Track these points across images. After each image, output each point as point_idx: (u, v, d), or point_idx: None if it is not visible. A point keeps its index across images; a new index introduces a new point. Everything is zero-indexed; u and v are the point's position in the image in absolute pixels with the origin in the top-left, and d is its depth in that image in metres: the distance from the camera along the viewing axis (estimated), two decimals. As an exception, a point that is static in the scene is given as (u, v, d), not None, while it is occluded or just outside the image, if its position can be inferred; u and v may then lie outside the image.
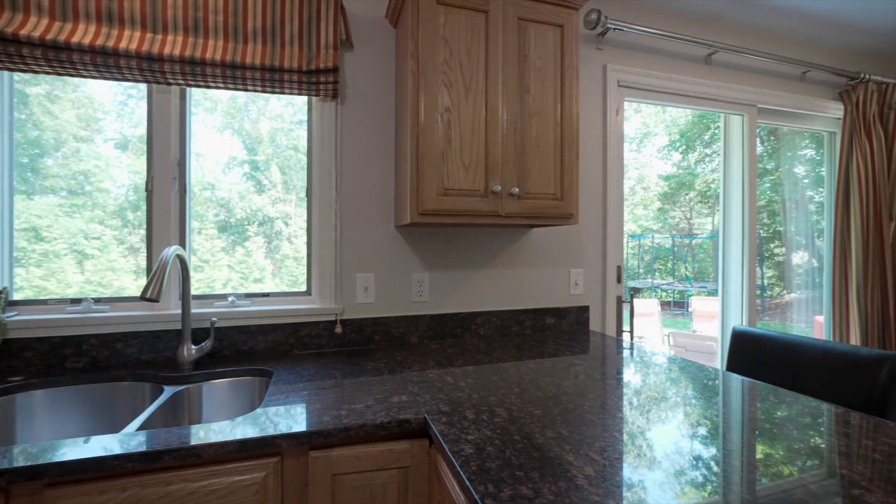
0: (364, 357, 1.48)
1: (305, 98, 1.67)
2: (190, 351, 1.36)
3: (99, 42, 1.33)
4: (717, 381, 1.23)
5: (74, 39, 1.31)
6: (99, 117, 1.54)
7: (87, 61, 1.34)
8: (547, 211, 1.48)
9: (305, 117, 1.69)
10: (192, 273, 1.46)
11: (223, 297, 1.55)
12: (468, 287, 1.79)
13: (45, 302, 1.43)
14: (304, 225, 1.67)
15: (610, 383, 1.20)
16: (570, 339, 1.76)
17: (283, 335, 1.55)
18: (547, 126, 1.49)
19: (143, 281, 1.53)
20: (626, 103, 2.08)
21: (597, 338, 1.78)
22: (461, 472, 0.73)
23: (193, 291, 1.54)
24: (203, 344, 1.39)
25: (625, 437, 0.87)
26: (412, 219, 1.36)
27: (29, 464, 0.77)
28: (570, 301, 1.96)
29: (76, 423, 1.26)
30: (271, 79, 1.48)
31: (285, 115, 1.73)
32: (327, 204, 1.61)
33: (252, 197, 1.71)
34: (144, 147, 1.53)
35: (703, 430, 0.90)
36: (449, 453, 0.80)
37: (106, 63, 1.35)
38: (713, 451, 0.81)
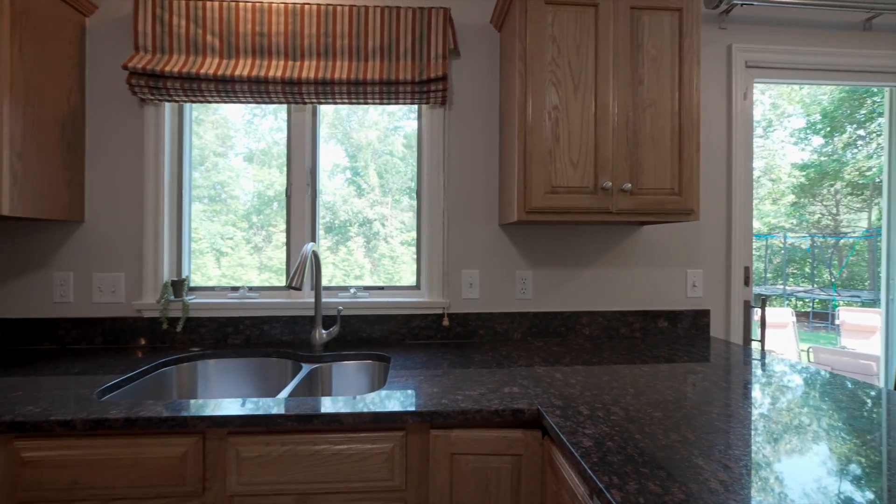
0: (470, 350, 1.55)
1: (400, 106, 1.79)
2: (321, 335, 1.55)
3: (254, 73, 1.60)
4: (880, 404, 1.05)
5: (237, 73, 1.59)
6: (231, 135, 1.85)
7: (245, 89, 1.61)
8: (663, 207, 1.40)
9: (400, 124, 1.82)
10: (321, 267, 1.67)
11: (346, 288, 1.74)
12: (572, 286, 1.76)
13: (212, 289, 1.75)
14: (400, 226, 1.81)
15: (739, 392, 1.10)
16: (686, 344, 1.63)
17: (396, 325, 1.69)
18: (663, 117, 1.41)
19: (266, 275, 1.78)
20: (755, 85, 1.86)
21: (719, 345, 1.62)
22: (582, 462, 0.74)
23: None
24: (331, 329, 1.58)
25: (763, 448, 0.79)
26: (518, 217, 1.39)
27: (219, 414, 0.97)
28: (687, 304, 1.81)
29: (237, 386, 1.53)
30: (388, 91, 1.63)
31: (381, 122, 1.88)
32: (436, 204, 1.72)
33: (353, 200, 1.88)
34: (267, 159, 1.79)
35: (857, 466, 0.78)
36: (568, 444, 0.81)
37: (259, 89, 1.61)
38: (870, 495, 0.70)
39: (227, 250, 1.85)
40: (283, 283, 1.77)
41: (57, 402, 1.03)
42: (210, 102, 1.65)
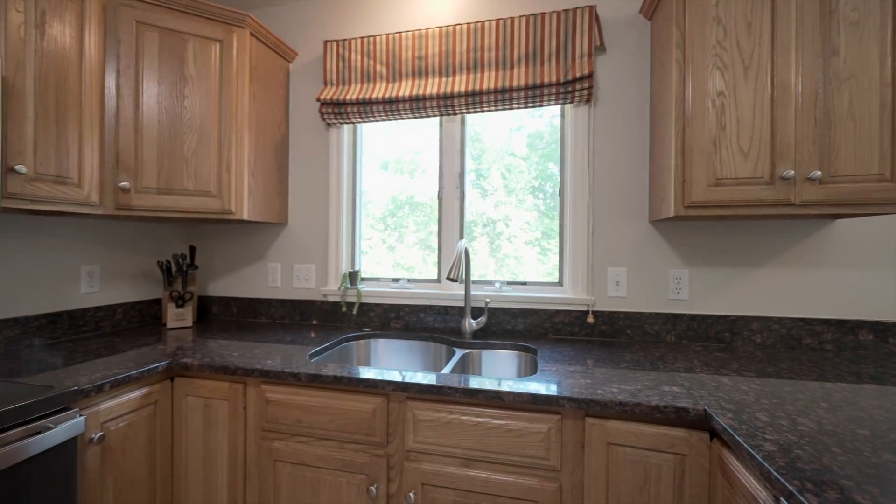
0: (618, 348, 1.52)
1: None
2: (470, 324, 1.70)
3: (414, 92, 1.83)
4: None
5: (401, 94, 1.84)
6: (368, 147, 2.09)
7: (406, 107, 1.86)
8: (868, 196, 1.19)
9: (523, 123, 1.86)
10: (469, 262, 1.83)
11: (491, 283, 1.87)
12: (739, 287, 1.59)
13: (377, 279, 2.04)
14: (524, 226, 1.85)
15: None
16: (901, 363, 1.34)
17: (539, 320, 1.74)
18: (867, 90, 1.20)
19: (399, 273, 1.99)
20: None
21: (954, 367, 1.29)
22: (765, 464, 0.71)
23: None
24: (479, 319, 1.72)
25: None
26: (676, 212, 1.32)
27: (401, 380, 1.16)
28: (901, 315, 1.48)
29: (402, 363, 1.77)
30: (532, 95, 1.70)
31: (505, 123, 1.92)
32: (579, 202, 1.73)
33: (478, 201, 1.96)
34: (399, 167, 2.00)
35: None
36: (746, 447, 0.78)
37: (418, 106, 1.84)
38: None
39: (366, 249, 2.13)
40: (426, 278, 1.97)
41: (284, 359, 1.36)
42: (379, 121, 1.94)
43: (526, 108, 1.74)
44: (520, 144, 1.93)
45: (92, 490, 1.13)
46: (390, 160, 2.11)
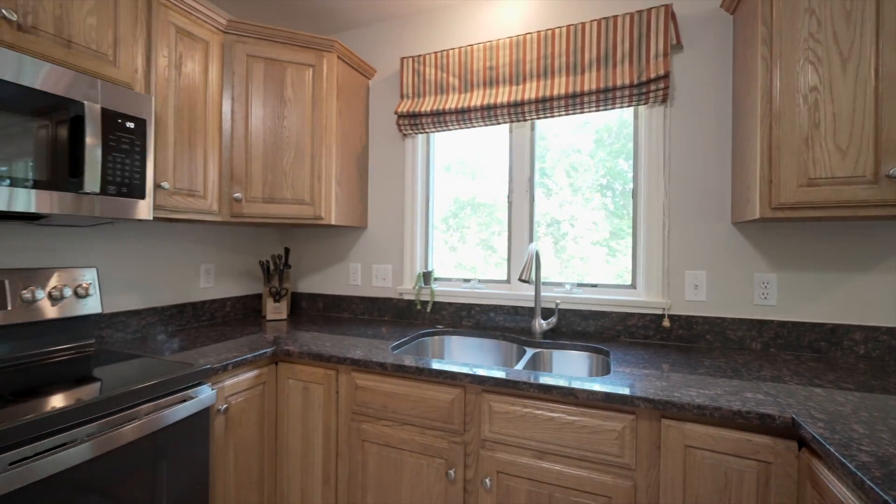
0: (697, 354, 1.49)
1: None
2: (540, 325, 1.75)
3: (485, 102, 1.91)
4: None
5: (472, 104, 1.93)
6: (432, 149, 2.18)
7: (477, 116, 1.94)
8: None
9: (589, 118, 1.84)
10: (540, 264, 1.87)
11: (560, 284, 1.90)
12: (837, 294, 1.47)
13: (449, 279, 2.15)
14: (591, 226, 1.83)
15: None
16: None
17: (611, 322, 1.74)
18: None
19: (462, 273, 2.06)
20: None
21: None
22: (858, 474, 0.69)
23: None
24: (550, 320, 1.76)
25: None
26: (762, 214, 1.27)
27: (476, 373, 1.25)
28: None
29: (474, 359, 1.86)
30: (604, 98, 1.71)
31: (571, 119, 1.90)
32: (654, 203, 1.70)
33: (542, 201, 1.95)
34: (462, 168, 2.06)
35: None
36: (839, 456, 0.76)
37: (488, 114, 1.92)
38: None
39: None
40: (496, 279, 2.04)
41: (370, 350, 1.51)
42: (451, 130, 2.05)
43: (597, 111, 1.75)
44: (586, 141, 1.89)
45: (219, 453, 1.35)
46: (453, 162, 2.20)
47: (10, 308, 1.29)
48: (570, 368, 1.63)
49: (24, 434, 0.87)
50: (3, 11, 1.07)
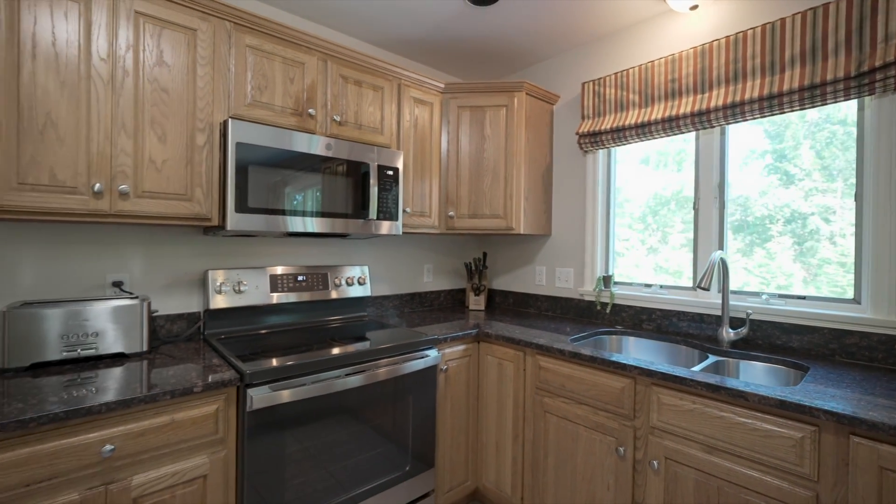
0: (939, 383, 1.26)
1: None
2: (728, 333, 1.72)
3: (666, 114, 1.97)
4: None
5: (653, 117, 2.02)
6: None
7: (658, 128, 2.02)
8: None
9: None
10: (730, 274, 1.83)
11: (756, 294, 1.80)
12: None
13: (630, 284, 2.26)
14: (854, 221, 1.56)
15: None
16: None
17: (822, 339, 1.59)
18: None
19: (662, 277, 2.05)
20: None
21: None
22: None
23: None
24: (739, 329, 1.71)
25: None
26: None
27: (644, 366, 1.42)
28: None
29: (649, 359, 1.95)
30: (810, 95, 1.57)
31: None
32: (884, 203, 1.48)
33: (776, 191, 1.57)
34: (663, 159, 2.05)
35: None
36: None
37: (669, 126, 1.98)
38: None
39: (622, 251, 2.29)
40: (679, 285, 2.04)
41: (552, 339, 1.82)
42: (630, 143, 2.17)
43: (802, 109, 1.62)
44: (844, 109, 1.40)
45: (441, 400, 1.89)
46: (651, 153, 2.16)
47: (331, 290, 2.12)
48: (756, 380, 1.58)
49: (331, 364, 1.53)
50: (335, 117, 1.83)
